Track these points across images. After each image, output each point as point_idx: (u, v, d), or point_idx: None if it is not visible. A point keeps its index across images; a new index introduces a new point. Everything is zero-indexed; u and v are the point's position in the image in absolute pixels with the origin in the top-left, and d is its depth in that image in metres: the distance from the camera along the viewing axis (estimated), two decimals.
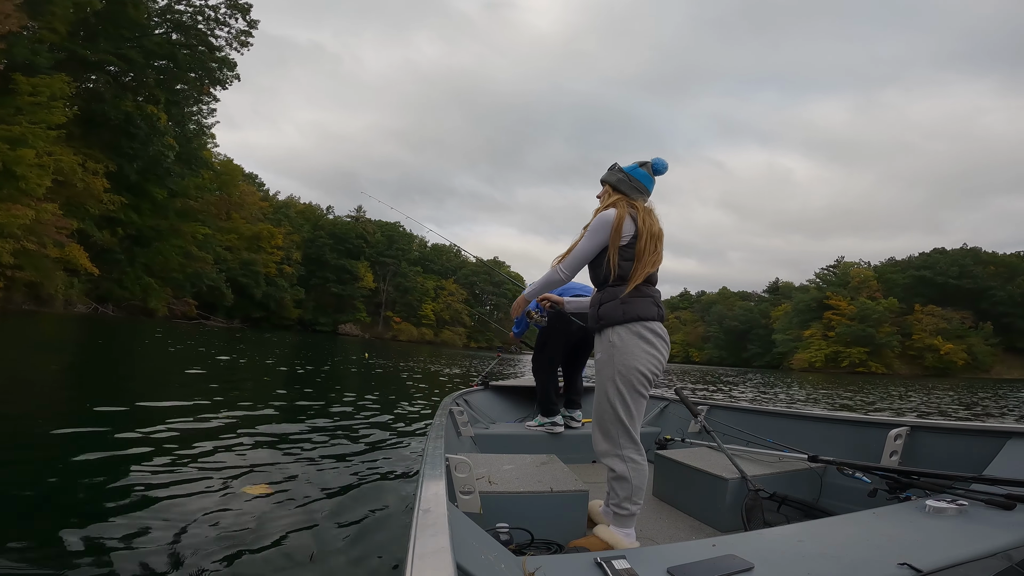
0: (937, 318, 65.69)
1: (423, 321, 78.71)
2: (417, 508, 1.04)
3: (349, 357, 16.32)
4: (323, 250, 70.27)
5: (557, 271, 2.06)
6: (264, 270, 54.94)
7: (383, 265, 77.22)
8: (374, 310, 76.58)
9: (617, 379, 1.86)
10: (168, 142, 36.21)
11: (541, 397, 3.61)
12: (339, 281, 70.73)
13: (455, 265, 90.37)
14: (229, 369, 9.06)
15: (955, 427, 2.33)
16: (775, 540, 1.39)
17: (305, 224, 71.98)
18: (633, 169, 2.09)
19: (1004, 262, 71.14)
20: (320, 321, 68.25)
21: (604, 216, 1.95)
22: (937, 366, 63.03)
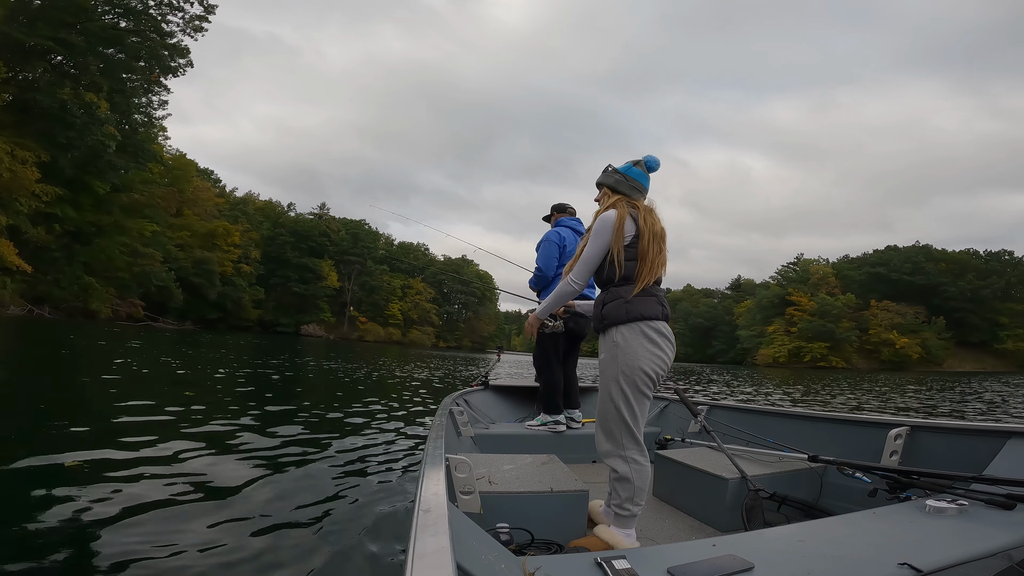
0: (892, 313, 68.06)
1: (390, 321, 77.08)
2: (417, 508, 1.04)
3: (308, 359, 15.24)
4: (284, 248, 67.87)
5: (569, 283, 2.00)
6: (220, 269, 52.38)
7: (348, 263, 75.21)
8: (339, 310, 74.55)
9: (621, 379, 1.85)
10: (108, 131, 33.71)
11: (545, 394, 3.62)
12: (301, 280, 68.55)
13: (423, 263, 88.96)
14: (161, 372, 8.13)
15: (955, 427, 2.33)
16: (775, 540, 1.40)
17: (265, 221, 69.44)
18: (628, 169, 2.08)
19: (955, 259, 74.33)
20: (281, 322, 65.94)
21: (605, 217, 1.93)
22: (893, 360, 65.23)
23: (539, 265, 3.72)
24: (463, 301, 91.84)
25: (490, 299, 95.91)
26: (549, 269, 3.67)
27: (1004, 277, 71.04)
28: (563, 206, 3.97)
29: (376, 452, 4.05)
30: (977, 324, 69.46)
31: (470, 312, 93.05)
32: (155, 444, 3.60)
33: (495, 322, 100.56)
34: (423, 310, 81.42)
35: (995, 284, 70.06)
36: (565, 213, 3.93)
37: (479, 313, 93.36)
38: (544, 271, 3.68)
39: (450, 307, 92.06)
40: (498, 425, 3.88)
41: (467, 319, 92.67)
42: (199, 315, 51.19)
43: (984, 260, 74.09)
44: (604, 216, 1.95)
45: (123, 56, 36.23)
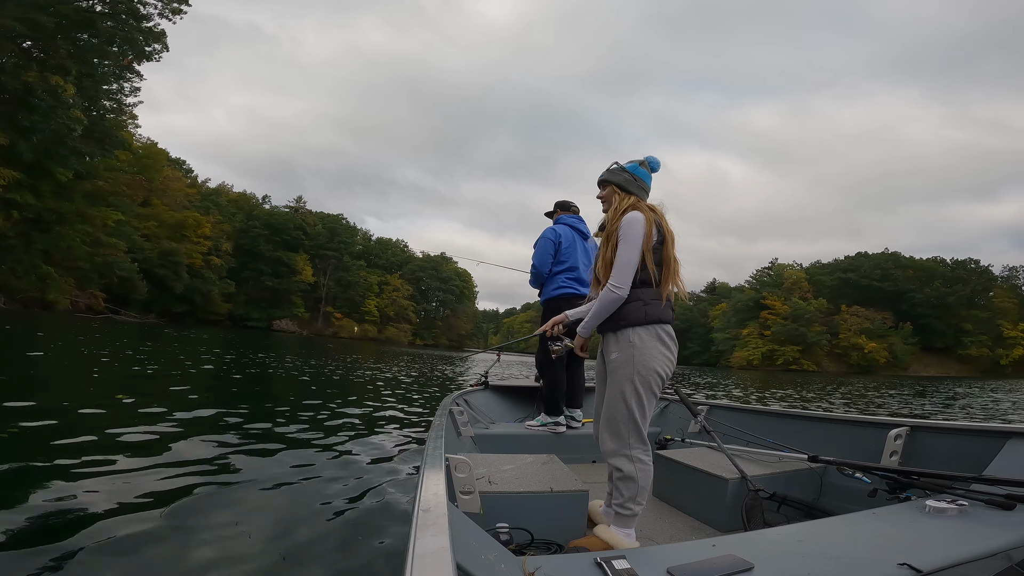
0: (861, 318, 69.64)
1: (366, 317, 75.98)
2: (417, 508, 1.04)
3: (283, 355, 14.51)
4: (257, 241, 66.27)
5: (613, 290, 1.91)
6: (188, 261, 50.76)
7: (324, 258, 73.84)
8: (313, 305, 73.18)
9: (636, 379, 1.87)
10: (74, 115, 32.19)
11: (548, 395, 3.61)
12: (275, 274, 67.11)
13: (401, 260, 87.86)
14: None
15: (955, 427, 2.31)
16: (775, 540, 1.40)
17: (238, 213, 67.70)
18: (635, 168, 2.07)
19: (922, 266, 76.51)
20: (253, 316, 64.39)
21: (635, 220, 1.91)
22: (861, 364, 66.78)
23: (534, 263, 3.72)
24: (441, 299, 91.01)
25: (468, 297, 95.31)
26: (543, 266, 3.68)
27: (969, 285, 73.27)
28: (567, 204, 3.96)
29: (375, 452, 4.02)
30: (942, 330, 71.53)
31: (448, 310, 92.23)
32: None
33: (473, 320, 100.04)
34: (400, 307, 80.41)
35: (960, 291, 72.24)
36: (568, 211, 3.92)
37: (457, 311, 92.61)
38: (539, 268, 3.69)
39: (428, 304, 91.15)
40: (498, 425, 3.86)
41: (445, 317, 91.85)
42: (165, 308, 49.49)
43: (950, 268, 76.35)
44: (634, 219, 1.92)
45: (95, 41, 34.65)
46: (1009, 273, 78.15)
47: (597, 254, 2.10)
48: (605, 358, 2.04)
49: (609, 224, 1.99)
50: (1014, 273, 78.18)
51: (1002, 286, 75.34)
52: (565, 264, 3.68)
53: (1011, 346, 68.40)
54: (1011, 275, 78.02)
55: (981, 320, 70.84)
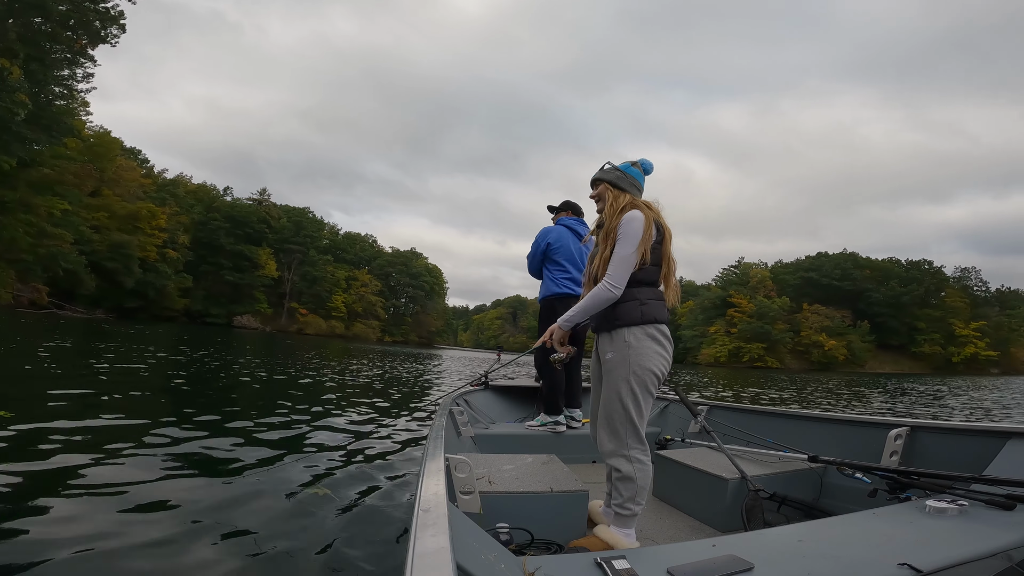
0: (822, 316, 71.76)
1: (333, 313, 74.22)
2: (417, 508, 1.04)
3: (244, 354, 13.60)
4: (217, 234, 63.77)
5: (607, 288, 1.89)
6: (142, 254, 48.16)
7: (289, 252, 71.71)
8: (277, 301, 71.01)
9: (632, 379, 1.87)
10: (19, 99, 30.00)
11: (547, 395, 3.62)
12: (236, 268, 64.75)
13: (370, 255, 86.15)
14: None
15: (955, 427, 2.31)
16: (775, 540, 1.40)
17: (196, 205, 64.90)
18: (628, 168, 2.07)
19: (879, 267, 79.35)
20: (211, 312, 61.97)
21: (634, 218, 1.90)
22: (822, 361, 68.79)
23: (527, 260, 3.81)
24: (411, 295, 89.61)
25: (439, 293, 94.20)
26: (532, 266, 3.78)
27: (923, 285, 76.29)
28: (573, 205, 3.95)
29: (375, 451, 3.98)
30: (897, 328, 74.34)
31: (418, 306, 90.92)
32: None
33: (443, 317, 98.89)
34: (368, 303, 78.84)
35: (915, 291, 75.16)
36: (569, 212, 3.91)
37: (427, 307, 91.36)
38: (529, 267, 3.79)
39: (397, 300, 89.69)
40: (498, 425, 3.85)
41: (414, 313, 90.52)
42: (115, 303, 46.96)
43: (905, 269, 79.38)
44: (634, 217, 1.90)
45: (47, 22, 32.54)
46: (961, 274, 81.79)
47: (593, 253, 2.07)
48: (600, 357, 2.01)
49: (608, 222, 1.96)
50: (966, 274, 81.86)
51: (954, 287, 78.68)
52: (558, 264, 3.70)
53: (962, 344, 71.50)
54: (963, 276, 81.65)
55: (934, 319, 73.85)
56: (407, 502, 2.80)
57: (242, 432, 4.25)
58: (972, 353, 70.76)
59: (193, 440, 3.81)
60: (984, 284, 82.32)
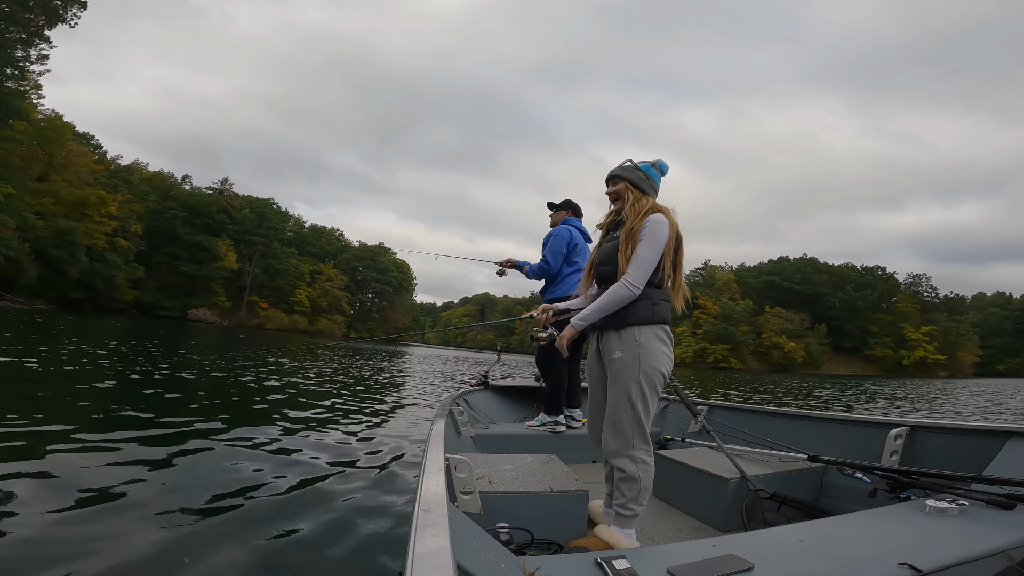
0: (782, 319, 73.78)
1: (296, 308, 71.95)
2: (417, 508, 1.04)
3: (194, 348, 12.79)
4: (174, 223, 60.97)
5: (627, 287, 1.89)
6: (89, 242, 45.62)
7: (250, 244, 69.21)
8: (236, 294, 68.42)
9: (642, 379, 1.86)
10: None
11: (550, 395, 3.63)
12: (192, 259, 62.06)
13: (336, 249, 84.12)
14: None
15: (955, 427, 2.30)
16: (775, 540, 1.40)
17: (152, 193, 61.96)
18: (648, 168, 2.07)
19: (836, 271, 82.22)
20: (164, 305, 59.12)
21: (662, 223, 1.90)
22: (781, 362, 70.75)
23: (547, 257, 3.68)
24: (378, 290, 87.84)
25: (407, 289, 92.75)
26: (556, 263, 3.66)
27: (876, 290, 79.41)
28: (576, 206, 3.94)
29: (375, 451, 3.99)
30: (851, 332, 77.19)
31: (385, 302, 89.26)
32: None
33: (411, 313, 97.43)
34: (333, 298, 76.83)
35: (869, 296, 78.18)
36: (573, 213, 3.91)
37: (394, 303, 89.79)
38: (551, 265, 3.66)
39: (363, 296, 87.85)
40: (498, 425, 3.84)
41: (381, 309, 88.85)
42: (59, 293, 44.28)
43: (860, 274, 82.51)
44: (660, 221, 1.90)
45: (7, 4, 30.61)
46: (912, 280, 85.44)
47: (601, 251, 2.08)
48: (604, 357, 1.99)
49: (630, 222, 1.94)
50: (916, 280, 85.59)
51: (905, 292, 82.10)
52: (576, 266, 3.67)
53: (912, 348, 74.72)
54: (913, 282, 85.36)
55: (886, 323, 76.97)
56: (407, 502, 2.79)
57: (219, 433, 4.13)
58: (921, 356, 74.00)
59: (158, 441, 3.69)
60: (934, 290, 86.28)
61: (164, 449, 3.45)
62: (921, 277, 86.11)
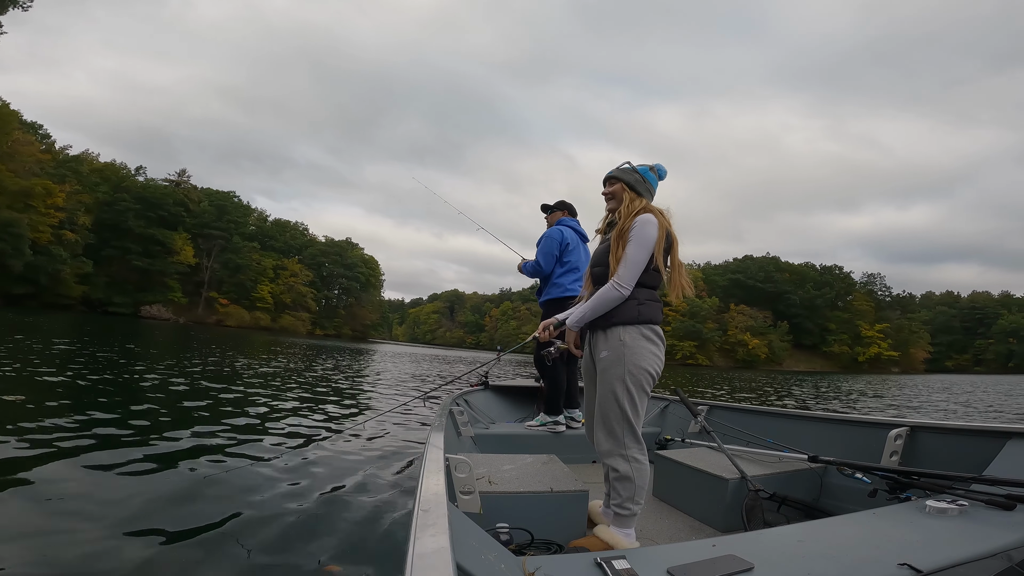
0: (747, 316, 75.53)
1: (258, 304, 69.60)
2: (417, 508, 1.04)
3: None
4: (126, 216, 58.09)
5: (616, 287, 1.90)
6: (34, 234, 43.00)
7: (209, 238, 66.60)
8: (194, 290, 65.71)
9: (627, 379, 1.87)
10: None
11: (549, 395, 3.65)
12: (145, 254, 59.25)
13: (301, 243, 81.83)
14: None
15: (955, 427, 2.30)
16: (775, 540, 1.41)
17: (102, 184, 58.83)
18: (646, 171, 2.08)
19: (796, 270, 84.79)
20: (115, 301, 56.22)
21: (649, 222, 1.91)
22: (746, 359, 72.47)
23: (539, 260, 3.66)
24: (344, 286, 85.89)
25: (374, 285, 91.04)
26: (548, 265, 3.64)
27: (834, 289, 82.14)
28: (571, 206, 3.92)
29: (374, 451, 3.98)
30: (811, 329, 79.71)
31: (352, 298, 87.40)
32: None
33: (379, 310, 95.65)
34: (298, 294, 74.62)
35: (827, 295, 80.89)
36: (568, 213, 3.89)
37: (362, 300, 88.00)
38: (543, 266, 3.64)
39: (329, 292, 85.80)
40: (498, 425, 3.84)
41: (348, 305, 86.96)
42: (2, 289, 41.59)
43: (819, 273, 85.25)
44: (648, 221, 1.91)
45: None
46: (867, 279, 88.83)
47: (596, 252, 2.10)
48: (594, 356, 2.01)
49: (621, 222, 1.95)
50: (871, 279, 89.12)
51: (860, 291, 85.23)
52: (569, 266, 3.64)
53: (867, 345, 77.73)
54: (868, 281, 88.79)
55: (843, 321, 79.81)
56: (407, 502, 2.80)
57: (212, 434, 4.09)
58: (876, 353, 77.06)
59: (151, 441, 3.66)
60: (887, 289, 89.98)
61: (162, 449, 3.43)
62: (875, 276, 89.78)
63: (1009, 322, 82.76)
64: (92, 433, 3.72)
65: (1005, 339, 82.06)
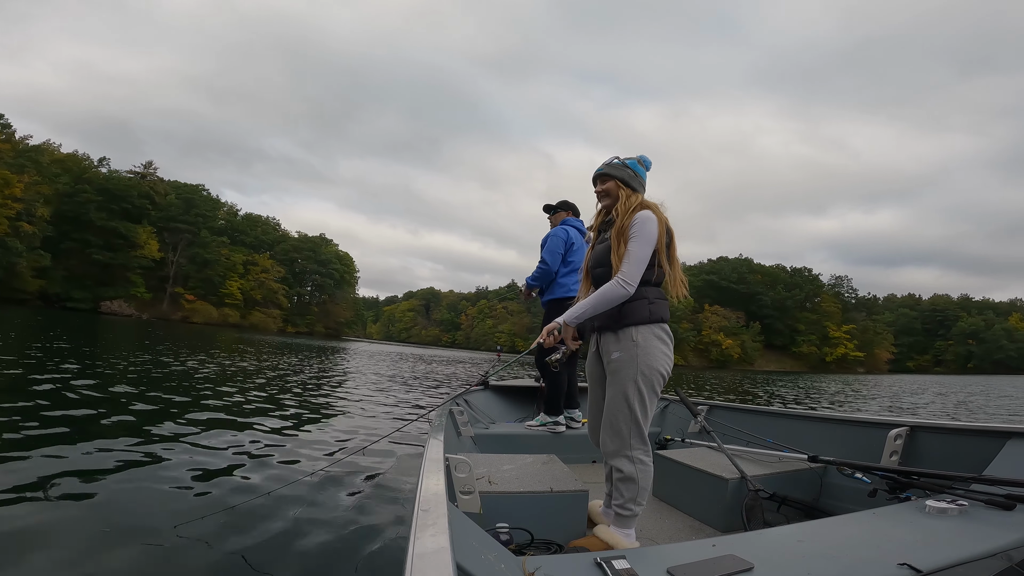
0: (720, 317, 76.66)
1: (227, 300, 67.64)
2: (417, 508, 1.05)
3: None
4: (87, 208, 55.83)
5: (621, 285, 1.85)
6: None
7: (175, 232, 64.42)
8: (158, 285, 63.49)
9: (639, 379, 1.86)
10: None
11: (550, 396, 3.66)
12: (107, 247, 57.02)
13: (273, 239, 79.89)
14: None
15: (955, 427, 2.30)
16: (775, 540, 1.41)
17: (63, 175, 56.45)
18: (635, 165, 2.06)
19: (768, 272, 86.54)
20: (74, 296, 53.97)
21: (648, 219, 1.89)
22: (719, 359, 73.61)
23: (545, 259, 3.65)
24: (318, 283, 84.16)
25: (348, 282, 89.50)
26: (555, 263, 3.63)
27: (804, 290, 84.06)
28: (574, 206, 3.92)
29: (373, 451, 3.89)
30: (781, 330, 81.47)
31: (325, 295, 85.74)
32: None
33: (353, 307, 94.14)
34: (269, 290, 72.79)
35: (797, 296, 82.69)
36: (571, 213, 3.89)
37: (336, 297, 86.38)
38: (550, 265, 3.64)
39: (302, 289, 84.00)
40: (498, 425, 3.85)
41: (322, 302, 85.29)
42: None
43: (790, 275, 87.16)
44: (648, 218, 1.88)
45: None
46: (835, 282, 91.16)
47: (595, 252, 2.07)
48: (603, 357, 1.99)
49: (620, 219, 1.93)
50: (839, 282, 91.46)
51: (828, 292, 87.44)
52: (572, 266, 3.64)
53: (835, 345, 79.81)
54: (836, 283, 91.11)
55: (811, 322, 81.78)
56: (407, 502, 2.77)
57: (207, 435, 4.05)
58: (843, 353, 79.13)
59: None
60: (854, 291, 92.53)
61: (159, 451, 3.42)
62: (843, 279, 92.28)
63: (968, 324, 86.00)
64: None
65: (964, 341, 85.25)
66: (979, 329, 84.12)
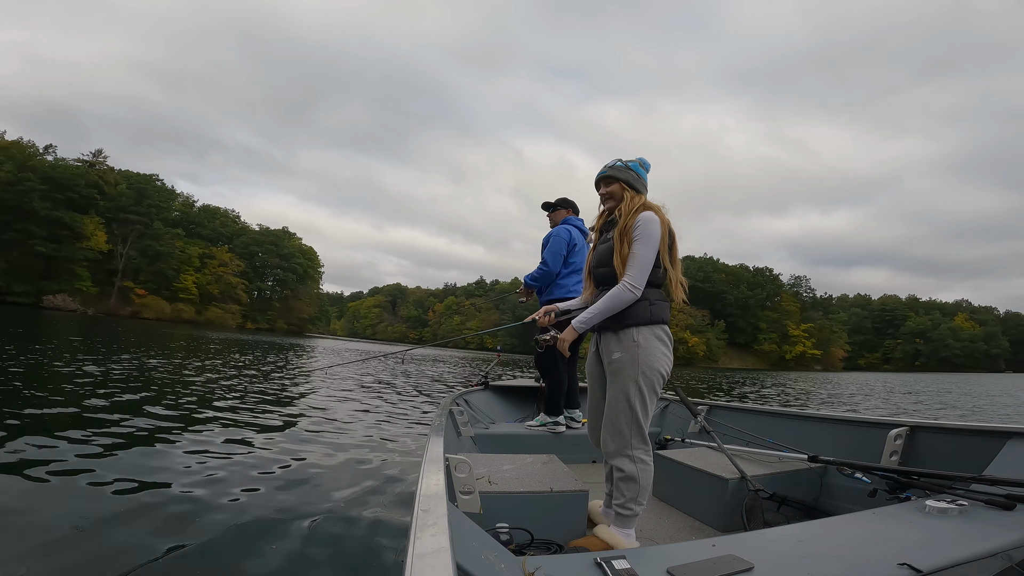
0: (687, 315, 77.96)
1: (181, 295, 64.76)
2: (417, 508, 1.05)
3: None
4: (30, 197, 52.43)
5: (628, 289, 1.88)
6: None
7: (125, 223, 61.24)
8: (106, 279, 60.30)
9: (640, 380, 1.88)
10: None
11: (550, 396, 3.66)
12: (51, 238, 53.77)
13: (232, 232, 77.01)
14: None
15: (955, 427, 2.29)
16: (775, 540, 1.41)
17: (6, 163, 53.10)
18: (637, 167, 2.08)
19: (732, 271, 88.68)
20: (14, 290, 50.84)
21: (652, 221, 1.90)
22: (686, 356, 74.96)
23: (546, 260, 3.62)
24: (280, 277, 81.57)
25: (312, 277, 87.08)
26: (556, 264, 3.61)
27: (766, 290, 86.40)
28: (574, 204, 3.86)
29: (373, 451, 3.98)
30: (744, 328, 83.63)
31: (287, 290, 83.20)
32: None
33: (316, 303, 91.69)
34: (227, 284, 70.12)
35: (759, 295, 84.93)
36: (572, 211, 3.84)
37: (298, 292, 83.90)
38: (551, 267, 3.61)
39: (263, 283, 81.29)
40: (498, 425, 3.84)
41: (284, 298, 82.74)
42: None
43: (753, 274, 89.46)
44: (652, 219, 1.90)
45: None
46: (794, 281, 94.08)
47: (597, 253, 2.07)
48: (604, 358, 2.00)
49: (623, 220, 1.94)
50: (798, 281, 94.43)
51: (788, 292, 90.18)
52: (573, 267, 3.62)
53: (794, 343, 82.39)
54: (795, 283, 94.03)
55: (772, 320, 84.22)
56: (407, 502, 2.78)
57: (204, 437, 4.04)
58: (801, 351, 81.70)
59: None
60: (812, 291, 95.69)
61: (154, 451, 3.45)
62: (801, 278, 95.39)
63: (916, 324, 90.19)
64: None
65: (912, 339, 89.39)
66: (926, 328, 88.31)
